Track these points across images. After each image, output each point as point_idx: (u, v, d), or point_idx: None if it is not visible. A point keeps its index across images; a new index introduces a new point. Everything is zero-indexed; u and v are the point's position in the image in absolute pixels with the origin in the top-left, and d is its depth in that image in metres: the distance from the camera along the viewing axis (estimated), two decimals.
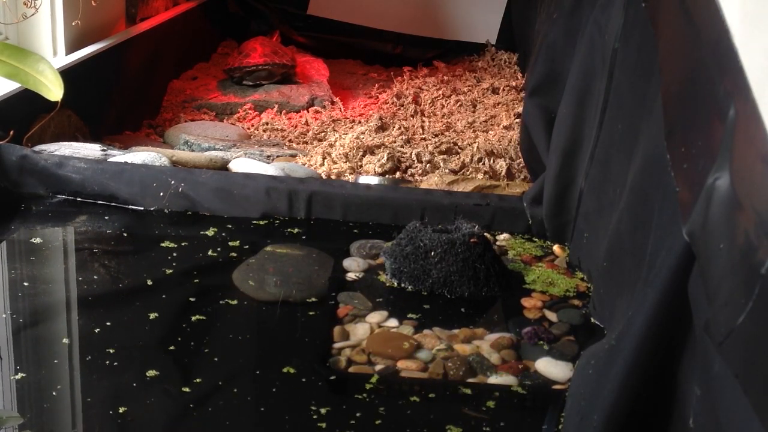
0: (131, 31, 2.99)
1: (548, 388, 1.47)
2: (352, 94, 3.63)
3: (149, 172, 2.10)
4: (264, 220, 2.07)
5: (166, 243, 1.91)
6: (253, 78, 3.38)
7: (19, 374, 1.38)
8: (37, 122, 2.21)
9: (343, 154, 2.53)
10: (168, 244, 1.91)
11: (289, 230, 2.03)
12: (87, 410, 1.32)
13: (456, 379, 1.47)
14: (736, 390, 0.88)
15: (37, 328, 1.53)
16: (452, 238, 1.78)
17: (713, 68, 1.09)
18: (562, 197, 1.97)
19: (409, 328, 1.62)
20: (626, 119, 1.61)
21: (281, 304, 1.68)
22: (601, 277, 1.62)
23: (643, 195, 1.39)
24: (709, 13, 1.14)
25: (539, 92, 2.23)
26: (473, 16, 4.24)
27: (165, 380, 1.39)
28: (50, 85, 1.39)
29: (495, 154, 2.58)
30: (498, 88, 3.56)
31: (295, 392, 1.39)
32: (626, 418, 1.16)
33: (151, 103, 3.12)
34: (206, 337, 1.54)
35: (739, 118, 0.97)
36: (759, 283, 0.83)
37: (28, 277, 1.71)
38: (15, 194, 2.09)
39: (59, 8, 2.51)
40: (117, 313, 1.61)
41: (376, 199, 2.10)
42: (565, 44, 2.14)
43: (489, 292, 1.76)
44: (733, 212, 0.92)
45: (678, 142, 1.19)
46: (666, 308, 1.12)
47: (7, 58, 1.37)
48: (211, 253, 1.90)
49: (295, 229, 2.04)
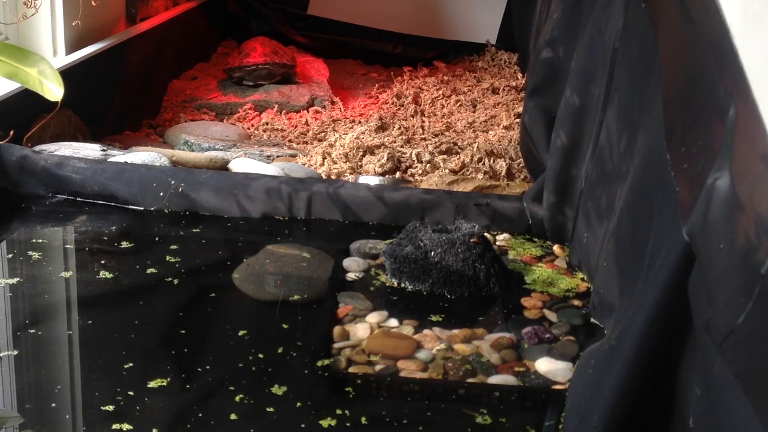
0: (131, 31, 2.99)
1: (548, 388, 1.47)
2: (352, 94, 3.63)
3: (149, 172, 2.10)
4: (264, 220, 2.07)
5: (166, 243, 1.91)
6: (253, 78, 3.38)
7: (19, 374, 1.38)
8: (37, 122, 2.21)
9: (343, 154, 2.53)
10: (168, 244, 1.91)
11: (289, 230, 2.03)
12: (87, 410, 1.31)
13: (456, 379, 1.47)
14: (736, 390, 0.88)
15: (37, 328, 1.53)
16: (452, 238, 1.78)
17: (713, 68, 1.09)
18: (562, 197, 1.97)
19: (409, 328, 1.62)
20: (626, 119, 1.61)
21: (281, 304, 1.68)
22: (601, 277, 1.62)
23: (643, 195, 1.39)
24: (709, 13, 1.14)
25: (539, 92, 2.23)
26: (473, 16, 4.24)
27: (164, 380, 1.39)
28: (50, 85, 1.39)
29: (495, 154, 2.58)
30: (498, 88, 3.56)
31: (295, 392, 1.39)
32: (626, 418, 1.16)
33: (151, 103, 3.12)
34: (206, 337, 1.54)
35: (739, 118, 0.97)
36: (759, 283, 0.83)
37: (28, 277, 1.71)
38: (15, 194, 2.09)
39: (59, 8, 2.51)
40: (117, 313, 1.61)
41: (376, 199, 2.10)
42: (565, 44, 2.14)
43: (489, 292, 1.76)
44: (733, 212, 0.92)
45: (678, 142, 1.19)
46: (666, 308, 1.12)
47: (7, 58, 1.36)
48: (211, 253, 1.90)
49: (295, 229, 2.04)
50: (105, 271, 1.76)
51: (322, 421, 1.31)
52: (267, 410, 1.34)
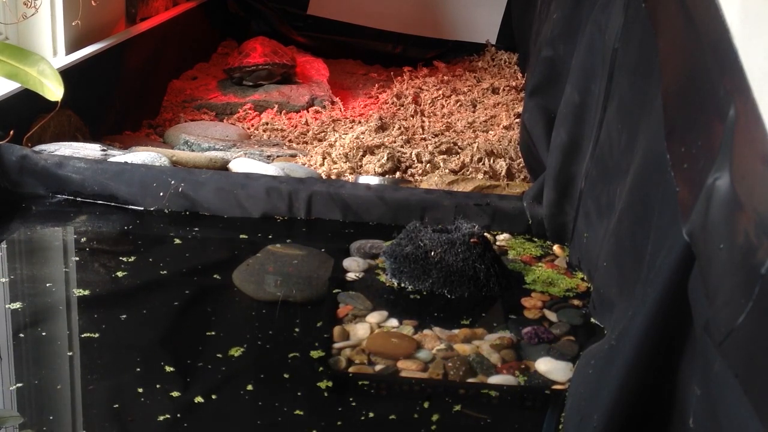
0: (131, 31, 3.00)
1: (548, 388, 1.47)
2: (352, 94, 3.63)
3: (149, 172, 2.10)
4: (264, 220, 2.07)
5: (166, 243, 1.91)
6: (253, 78, 3.38)
7: (19, 374, 1.38)
8: (37, 122, 2.21)
9: (343, 154, 2.53)
10: (168, 244, 1.91)
11: (289, 230, 2.03)
12: (87, 410, 1.31)
13: (456, 379, 1.47)
14: (736, 390, 0.88)
15: (37, 328, 1.53)
16: (452, 238, 1.78)
17: (713, 68, 1.09)
18: (562, 197, 1.97)
19: (409, 328, 1.62)
20: (626, 119, 1.61)
21: (281, 304, 1.68)
22: (601, 277, 1.62)
23: (643, 195, 1.39)
24: (709, 13, 1.14)
25: (539, 92, 2.23)
26: (473, 16, 4.24)
27: (164, 380, 1.39)
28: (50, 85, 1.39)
29: (495, 154, 2.58)
30: (498, 88, 3.56)
31: (295, 392, 1.39)
32: (626, 418, 1.16)
33: (151, 103, 3.12)
34: (206, 337, 1.54)
35: (739, 118, 0.97)
36: (759, 283, 0.83)
37: (28, 277, 1.71)
38: (15, 194, 2.09)
39: (59, 8, 2.51)
40: (117, 313, 1.61)
41: (376, 199, 2.10)
42: (565, 44, 2.14)
43: (489, 292, 1.76)
44: (733, 212, 0.92)
45: (678, 142, 1.19)
46: (666, 308, 1.12)
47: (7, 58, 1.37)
48: (211, 253, 1.90)
49: (295, 229, 2.04)
50: (105, 271, 1.76)
51: (322, 421, 1.31)
52: (267, 410, 1.34)
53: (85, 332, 1.53)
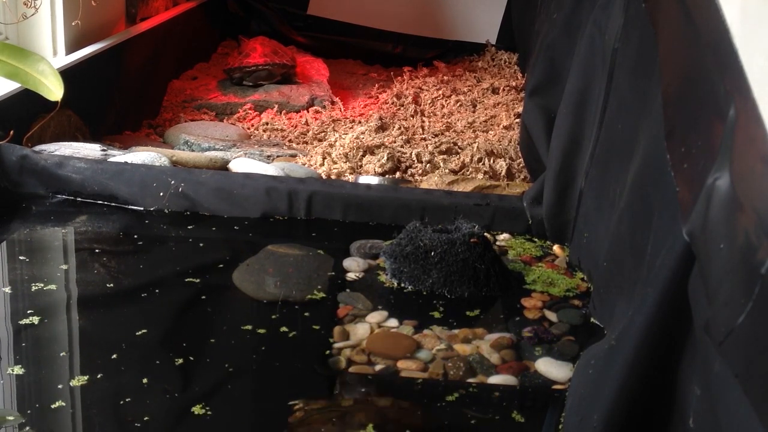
0: (131, 31, 3.00)
1: (548, 388, 1.47)
2: (352, 94, 3.63)
3: (149, 172, 2.10)
4: (264, 220, 2.07)
5: (166, 243, 1.91)
6: (253, 78, 3.38)
7: (19, 373, 1.38)
8: (37, 122, 2.21)
9: (343, 154, 2.53)
10: (168, 244, 1.91)
11: (289, 230, 2.03)
12: (87, 410, 1.31)
13: (456, 379, 1.47)
14: (736, 390, 0.88)
15: (37, 328, 1.53)
16: (452, 238, 1.78)
17: (713, 68, 1.09)
18: (562, 197, 1.97)
19: (409, 328, 1.62)
20: (626, 119, 1.61)
21: (281, 304, 1.68)
22: (601, 277, 1.62)
23: (643, 195, 1.38)
24: (709, 13, 1.14)
25: (539, 92, 2.23)
26: (473, 16, 4.24)
27: (164, 380, 1.39)
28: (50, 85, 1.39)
29: (495, 154, 2.58)
30: (498, 88, 3.56)
31: (295, 392, 1.39)
32: (626, 418, 1.16)
33: (151, 103, 3.12)
34: (206, 337, 1.54)
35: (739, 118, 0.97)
36: (759, 283, 0.83)
37: (29, 277, 1.71)
38: (15, 194, 2.09)
39: (59, 8, 2.51)
40: (117, 313, 1.61)
41: (376, 199, 2.10)
42: (565, 44, 2.14)
43: (489, 292, 1.76)
44: (733, 212, 0.92)
45: (678, 142, 1.19)
46: (666, 308, 1.12)
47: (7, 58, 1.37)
48: (211, 253, 1.90)
49: (295, 229, 2.04)
50: (105, 271, 1.76)
51: (322, 421, 1.31)
52: (267, 410, 1.34)
53: (85, 332, 1.53)
